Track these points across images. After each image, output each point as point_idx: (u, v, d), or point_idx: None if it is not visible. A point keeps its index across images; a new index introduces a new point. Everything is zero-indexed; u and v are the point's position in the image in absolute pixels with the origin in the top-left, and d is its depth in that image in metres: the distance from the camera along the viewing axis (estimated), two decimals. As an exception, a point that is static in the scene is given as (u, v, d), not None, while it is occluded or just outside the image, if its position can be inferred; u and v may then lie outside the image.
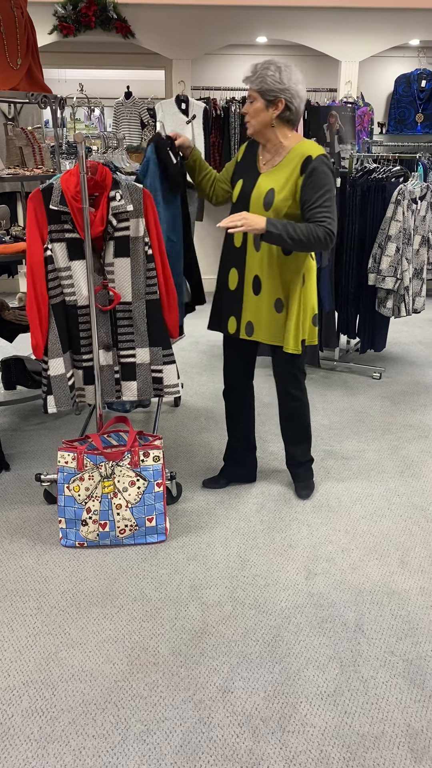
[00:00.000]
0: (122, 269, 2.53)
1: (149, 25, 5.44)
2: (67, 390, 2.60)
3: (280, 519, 2.77)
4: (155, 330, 2.61)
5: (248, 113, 2.46)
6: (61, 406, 2.59)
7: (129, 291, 2.55)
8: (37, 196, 2.43)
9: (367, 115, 5.76)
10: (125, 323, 2.60)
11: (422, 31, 5.66)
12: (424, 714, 1.84)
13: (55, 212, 2.44)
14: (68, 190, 2.40)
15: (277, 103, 2.39)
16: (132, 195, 2.45)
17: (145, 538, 2.57)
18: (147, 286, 2.55)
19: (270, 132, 2.46)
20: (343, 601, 2.28)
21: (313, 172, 2.39)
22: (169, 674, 1.97)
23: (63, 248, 2.49)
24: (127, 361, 2.63)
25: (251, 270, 2.61)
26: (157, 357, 2.64)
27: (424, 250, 4.25)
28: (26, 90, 3.15)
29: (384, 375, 4.43)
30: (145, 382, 2.67)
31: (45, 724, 1.80)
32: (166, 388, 2.69)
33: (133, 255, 2.52)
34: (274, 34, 5.58)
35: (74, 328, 2.58)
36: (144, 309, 2.58)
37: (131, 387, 2.67)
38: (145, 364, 2.64)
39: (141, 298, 2.56)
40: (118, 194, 2.43)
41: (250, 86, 2.42)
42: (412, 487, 3.03)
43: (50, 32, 5.29)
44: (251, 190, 2.52)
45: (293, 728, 1.79)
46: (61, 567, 2.46)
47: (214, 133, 5.75)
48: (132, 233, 2.49)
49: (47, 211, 2.44)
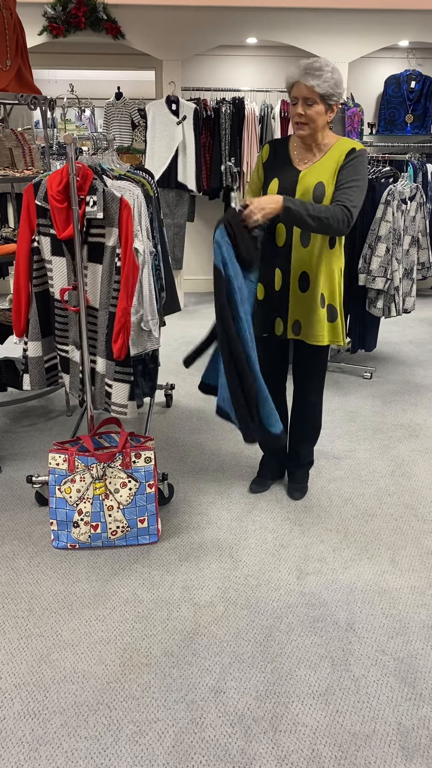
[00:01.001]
0: (94, 274, 2.57)
1: (139, 26, 5.44)
2: (42, 371, 2.74)
3: (272, 519, 2.77)
4: (110, 343, 2.59)
5: (306, 115, 2.36)
6: (34, 386, 2.73)
7: (97, 297, 2.57)
8: (30, 189, 2.55)
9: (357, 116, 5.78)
10: (91, 328, 2.63)
11: (411, 33, 5.68)
12: (415, 712, 1.85)
13: (41, 207, 2.52)
14: (51, 188, 2.43)
15: (334, 107, 2.39)
16: (108, 203, 2.43)
17: (137, 539, 2.57)
18: (111, 297, 2.54)
19: (320, 135, 2.44)
20: (334, 601, 2.29)
21: (354, 159, 2.40)
22: (161, 675, 1.97)
23: (47, 242, 2.59)
24: (91, 366, 2.68)
25: (298, 267, 2.55)
26: (110, 370, 2.62)
27: (413, 251, 4.26)
28: (15, 91, 3.15)
29: (375, 375, 4.44)
30: (99, 392, 2.69)
31: (37, 726, 1.80)
32: (113, 405, 2.65)
33: (105, 263, 2.53)
34: (264, 35, 5.59)
35: (53, 317, 2.70)
36: (106, 319, 2.57)
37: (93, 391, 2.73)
38: (101, 374, 2.66)
39: (105, 307, 2.57)
40: (92, 200, 2.43)
41: (311, 89, 2.31)
42: (402, 487, 3.04)
43: (40, 33, 5.28)
44: (293, 186, 2.47)
45: (285, 728, 1.80)
46: (52, 569, 2.45)
47: (204, 134, 5.75)
48: (107, 242, 2.50)
49: (38, 206, 2.54)
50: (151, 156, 5.49)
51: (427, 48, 6.35)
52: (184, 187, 5.56)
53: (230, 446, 3.41)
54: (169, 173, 5.48)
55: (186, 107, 5.43)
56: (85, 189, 2.43)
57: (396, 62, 6.55)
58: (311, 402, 2.81)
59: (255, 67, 6.34)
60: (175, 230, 5.70)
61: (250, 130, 5.82)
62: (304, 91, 2.33)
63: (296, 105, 2.38)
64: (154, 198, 3.06)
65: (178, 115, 5.42)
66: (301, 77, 2.32)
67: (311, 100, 2.34)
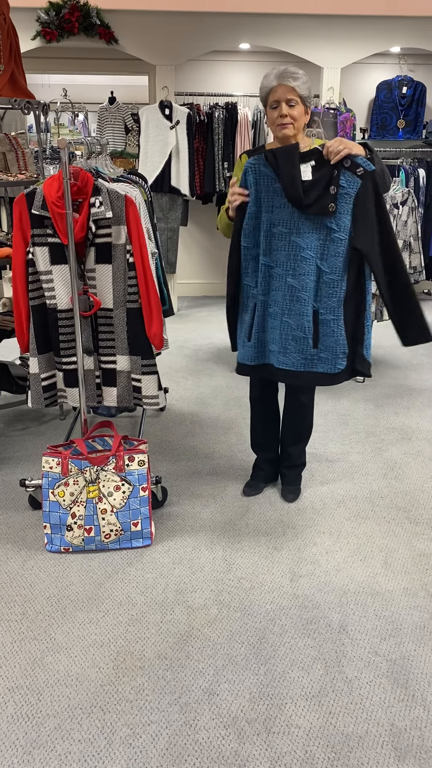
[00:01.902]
0: (104, 276, 2.55)
1: (132, 31, 5.46)
2: (40, 390, 2.67)
3: (265, 522, 2.78)
4: (135, 339, 2.61)
5: (292, 116, 2.43)
6: (34, 404, 2.67)
7: (110, 298, 2.56)
8: (22, 200, 2.48)
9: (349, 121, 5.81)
10: (106, 329, 2.61)
11: (403, 39, 5.72)
12: (408, 713, 1.85)
13: (38, 216, 2.47)
14: (50, 195, 2.42)
15: (308, 110, 2.49)
16: (114, 202, 2.47)
17: (131, 542, 2.57)
18: (128, 294, 2.56)
19: (300, 135, 2.52)
20: (327, 603, 2.29)
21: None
22: (154, 678, 1.98)
23: (45, 252, 2.52)
24: (108, 367, 2.65)
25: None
26: (136, 366, 2.64)
27: (405, 255, 4.29)
28: (9, 95, 3.15)
29: (367, 378, 4.46)
30: (126, 390, 2.68)
31: (30, 730, 1.80)
32: (145, 399, 2.68)
33: (115, 262, 2.53)
34: (256, 41, 5.62)
35: (54, 331, 2.60)
36: (124, 316, 2.59)
37: (111, 393, 2.69)
38: (125, 371, 2.65)
39: (122, 305, 2.57)
40: (98, 201, 2.45)
41: (294, 90, 2.40)
42: (395, 489, 3.06)
43: (33, 38, 5.29)
44: None
45: (278, 729, 1.81)
46: (46, 572, 2.45)
47: (197, 139, 5.77)
48: (114, 240, 2.51)
49: (30, 215, 2.47)
50: (144, 160, 5.51)
51: (419, 54, 6.40)
52: (178, 191, 5.57)
53: (223, 449, 3.42)
54: (163, 178, 5.50)
55: (179, 112, 5.45)
56: (88, 191, 2.44)
57: (388, 68, 6.60)
58: (302, 402, 2.83)
59: (248, 72, 6.37)
60: (169, 234, 5.72)
61: (243, 134, 5.85)
62: (286, 92, 2.40)
63: (277, 108, 2.44)
64: (148, 202, 3.07)
65: (171, 119, 5.44)
66: (282, 80, 2.40)
67: (293, 101, 2.41)
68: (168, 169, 5.50)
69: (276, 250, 2.40)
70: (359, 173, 2.24)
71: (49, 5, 5.17)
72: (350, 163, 2.25)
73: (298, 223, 2.35)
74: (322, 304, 2.40)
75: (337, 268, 2.35)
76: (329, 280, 2.36)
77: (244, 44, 5.83)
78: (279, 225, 2.37)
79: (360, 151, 2.28)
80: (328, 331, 2.41)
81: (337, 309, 2.38)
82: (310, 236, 2.35)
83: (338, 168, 2.26)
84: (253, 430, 3.01)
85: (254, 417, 2.97)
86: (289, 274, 2.40)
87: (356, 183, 2.25)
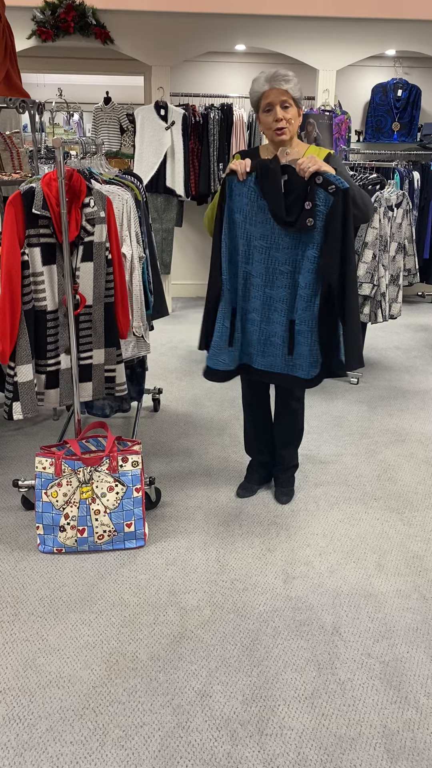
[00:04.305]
0: (86, 273, 2.57)
1: (128, 32, 5.45)
2: (33, 396, 2.59)
3: (259, 523, 2.78)
4: (110, 331, 2.68)
5: (286, 119, 2.42)
6: (27, 413, 2.58)
7: (91, 294, 2.59)
8: (18, 200, 2.43)
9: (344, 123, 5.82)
10: (86, 326, 2.64)
11: (398, 42, 5.74)
12: (400, 715, 1.86)
13: (35, 216, 2.45)
14: (51, 194, 2.42)
15: (300, 111, 2.49)
16: (100, 202, 2.51)
17: (124, 543, 2.56)
18: (106, 289, 2.62)
19: (295, 138, 2.53)
20: (320, 605, 2.29)
21: (337, 167, 2.43)
22: (147, 679, 1.97)
23: (37, 253, 2.51)
24: (85, 363, 2.67)
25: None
26: (111, 357, 2.70)
27: (400, 257, 4.30)
28: (4, 95, 3.14)
29: (361, 380, 4.47)
30: (99, 382, 2.74)
31: (22, 731, 1.79)
32: (117, 387, 2.76)
33: (96, 260, 2.56)
34: (252, 43, 5.62)
35: (42, 334, 2.58)
36: (102, 311, 2.64)
37: (87, 388, 2.71)
38: (100, 364, 2.70)
39: (100, 301, 2.62)
40: (91, 201, 2.48)
41: (286, 92, 2.39)
42: (388, 491, 3.06)
43: (29, 37, 5.28)
44: None
45: (271, 731, 1.80)
46: (38, 573, 2.44)
47: (193, 140, 5.77)
48: (96, 239, 2.53)
49: (27, 216, 2.44)
50: (139, 161, 5.50)
51: (414, 57, 6.42)
52: (173, 192, 5.57)
53: (217, 451, 3.42)
54: (158, 178, 5.50)
55: (175, 113, 5.45)
56: (83, 190, 2.47)
57: (383, 71, 6.61)
58: (293, 408, 2.83)
59: (243, 73, 6.37)
60: (164, 235, 5.71)
61: (239, 136, 5.85)
62: (279, 95, 2.39)
63: (271, 111, 2.43)
64: (143, 203, 3.07)
65: (166, 120, 5.44)
66: (274, 84, 2.39)
67: (287, 103, 2.41)
68: (163, 169, 5.49)
69: (256, 261, 2.47)
70: (331, 190, 2.28)
71: (45, 4, 5.15)
72: (322, 180, 2.28)
73: (278, 238, 2.41)
74: (297, 315, 2.46)
75: (309, 282, 2.41)
76: (304, 294, 2.42)
77: (240, 45, 5.83)
78: (260, 239, 2.43)
79: (329, 169, 2.30)
80: (302, 341, 2.47)
81: (311, 321, 2.45)
82: (287, 251, 2.42)
83: (311, 184, 2.30)
84: (246, 433, 3.01)
85: (247, 421, 2.98)
86: (267, 285, 2.47)
87: (329, 200, 2.30)
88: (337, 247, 2.33)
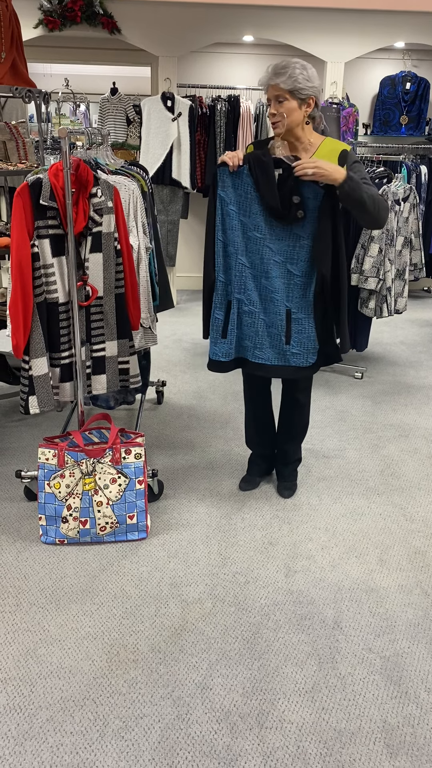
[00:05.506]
0: (95, 265, 2.55)
1: (135, 22, 5.42)
2: (50, 390, 2.59)
3: (261, 517, 2.78)
4: (122, 322, 2.67)
5: (278, 113, 2.40)
6: (44, 407, 2.57)
7: (101, 286, 2.59)
8: (26, 191, 2.41)
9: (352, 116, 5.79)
10: (98, 318, 2.62)
11: (407, 34, 5.69)
12: (400, 710, 1.86)
13: (43, 208, 2.43)
14: (58, 185, 2.41)
15: (309, 101, 2.42)
16: (107, 192, 2.49)
17: (126, 535, 2.56)
18: (116, 280, 2.61)
19: (300, 131, 2.47)
20: (322, 599, 2.29)
21: (354, 163, 2.44)
22: (148, 671, 1.97)
23: (46, 245, 2.48)
24: (98, 355, 2.66)
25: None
26: (124, 349, 2.70)
27: (406, 251, 4.28)
28: (10, 84, 3.13)
29: (365, 375, 4.46)
30: (114, 374, 2.73)
31: (22, 721, 1.80)
32: (132, 378, 2.75)
33: (105, 250, 2.55)
34: (260, 34, 5.58)
35: (54, 326, 2.57)
36: (113, 302, 2.63)
37: (101, 380, 2.70)
38: (114, 356, 2.69)
39: (111, 292, 2.61)
40: (99, 191, 2.47)
41: (277, 87, 2.37)
42: (391, 486, 3.05)
43: (35, 26, 5.25)
44: None
45: (271, 724, 1.80)
46: (40, 564, 2.45)
47: (199, 131, 5.74)
48: (104, 229, 2.52)
49: (35, 207, 2.42)
50: (145, 152, 5.48)
51: (423, 50, 6.37)
52: (179, 183, 5.55)
53: (220, 444, 3.41)
54: (164, 170, 5.47)
55: (181, 104, 5.42)
56: (90, 180, 2.46)
57: (392, 63, 6.56)
58: (300, 402, 2.82)
59: (251, 65, 6.33)
60: (169, 227, 5.69)
61: (246, 128, 5.82)
62: (273, 90, 2.41)
63: (270, 106, 2.45)
64: (148, 194, 3.06)
65: (173, 111, 5.41)
66: (270, 79, 2.41)
67: (281, 97, 2.41)
68: (169, 161, 5.47)
69: (251, 253, 2.50)
70: (321, 184, 2.34)
71: (52, -6, 5.13)
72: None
73: (271, 230, 2.45)
74: (293, 303, 2.52)
75: (305, 271, 2.48)
76: (299, 283, 2.50)
77: (247, 37, 5.79)
78: (254, 230, 2.46)
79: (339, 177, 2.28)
80: (300, 328, 2.54)
81: (307, 308, 2.52)
82: (281, 242, 2.47)
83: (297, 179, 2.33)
84: (248, 428, 3.01)
85: (248, 416, 2.97)
86: (263, 276, 2.51)
87: (320, 193, 2.36)
88: (328, 236, 2.40)
